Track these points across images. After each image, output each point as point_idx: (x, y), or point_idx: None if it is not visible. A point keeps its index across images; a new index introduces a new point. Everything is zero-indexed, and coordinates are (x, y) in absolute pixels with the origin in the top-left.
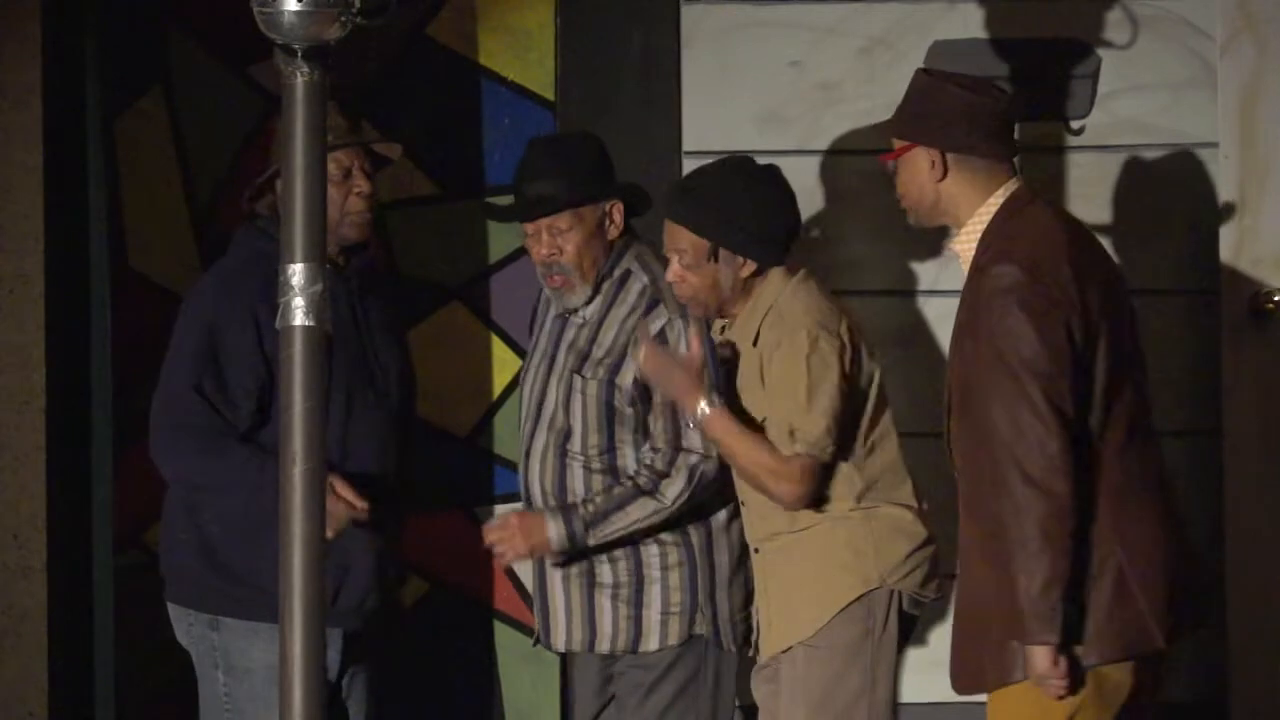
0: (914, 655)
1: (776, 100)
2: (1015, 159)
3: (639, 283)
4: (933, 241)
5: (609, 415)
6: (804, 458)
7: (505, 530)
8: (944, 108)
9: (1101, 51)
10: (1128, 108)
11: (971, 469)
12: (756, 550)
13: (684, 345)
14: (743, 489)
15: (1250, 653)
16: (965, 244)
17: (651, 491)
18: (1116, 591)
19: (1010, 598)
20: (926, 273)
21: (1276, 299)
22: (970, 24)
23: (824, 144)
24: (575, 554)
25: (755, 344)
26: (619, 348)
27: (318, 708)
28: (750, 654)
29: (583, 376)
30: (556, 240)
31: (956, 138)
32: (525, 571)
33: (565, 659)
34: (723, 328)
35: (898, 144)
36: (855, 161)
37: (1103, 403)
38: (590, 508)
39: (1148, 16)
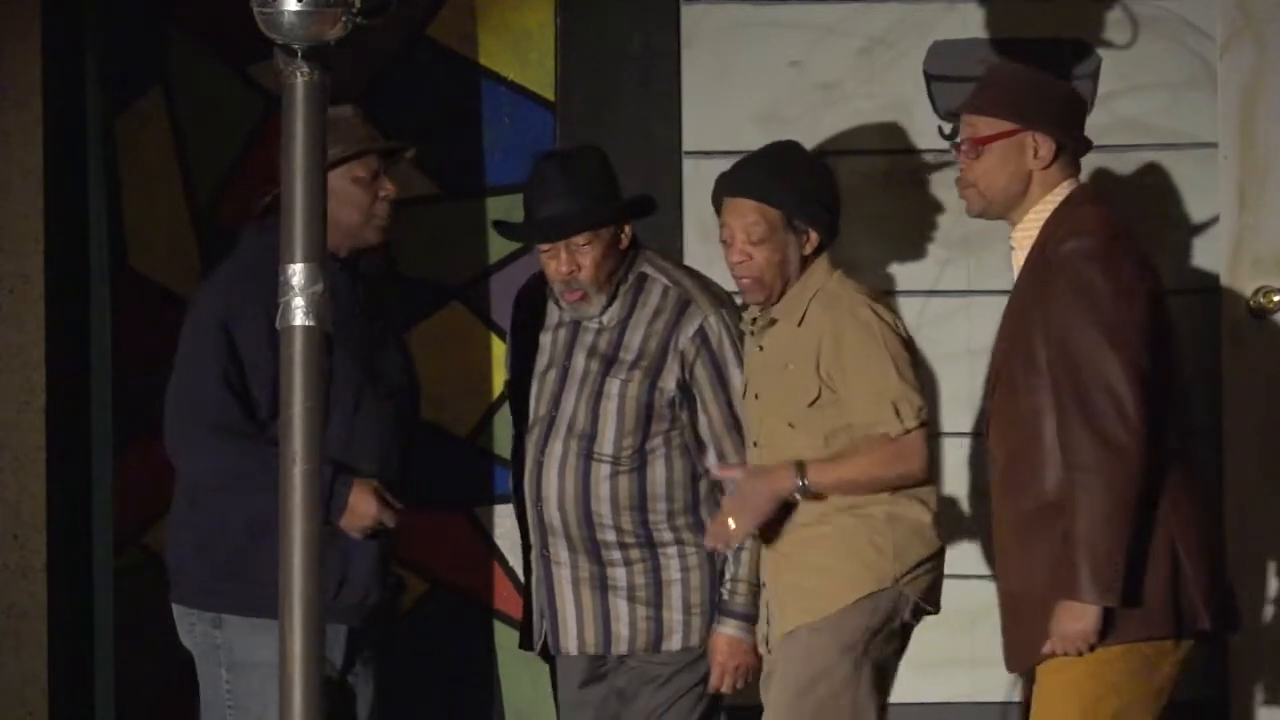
0: (913, 655)
1: (776, 100)
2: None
3: (659, 285)
4: (933, 242)
5: (647, 416)
6: (917, 430)
7: (730, 674)
8: (1052, 97)
9: (1101, 51)
10: (1128, 108)
11: (1027, 440)
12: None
13: (725, 340)
14: None
15: (1250, 653)
16: (1028, 232)
17: None
18: (1172, 573)
19: (1067, 563)
20: (926, 273)
21: (1276, 299)
22: (970, 24)
23: (824, 144)
24: (586, 559)
25: (800, 324)
26: (653, 350)
27: (318, 707)
28: (763, 651)
29: (618, 379)
30: (575, 257)
31: (1064, 128)
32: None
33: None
34: (754, 319)
35: (997, 126)
36: (855, 161)
37: (1166, 394)
38: (740, 585)
39: (1148, 16)
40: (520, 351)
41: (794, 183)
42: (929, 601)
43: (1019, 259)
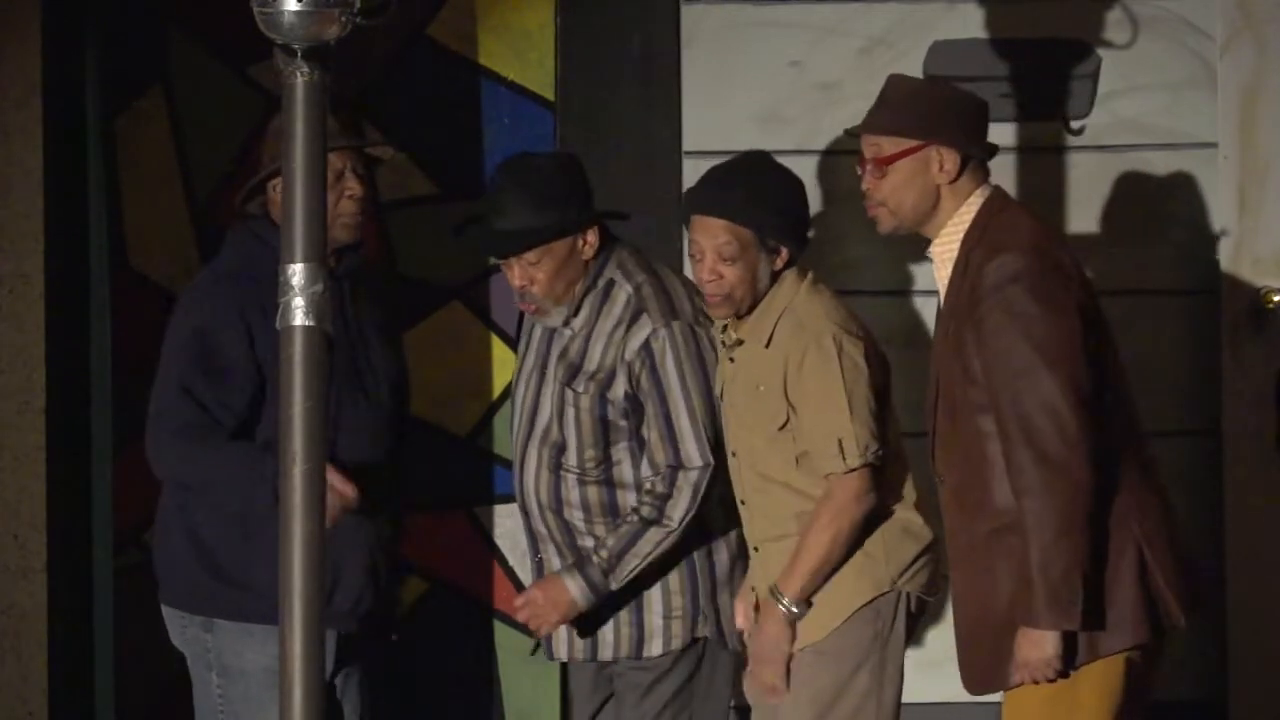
0: (914, 655)
1: (776, 100)
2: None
3: (624, 292)
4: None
5: (604, 429)
6: (860, 469)
7: (532, 606)
8: (952, 108)
9: (1101, 51)
10: (1128, 108)
11: (974, 463)
12: (756, 549)
13: (669, 355)
14: (744, 489)
15: (1250, 653)
16: (947, 245)
17: (657, 520)
18: (1138, 574)
19: (1024, 590)
20: (926, 273)
21: (1276, 299)
22: (970, 24)
23: (824, 144)
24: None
25: (768, 345)
26: (609, 362)
27: (318, 708)
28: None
29: (575, 390)
30: (528, 271)
31: (968, 138)
32: (525, 572)
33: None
34: (725, 326)
35: (900, 144)
36: (855, 162)
37: (1112, 388)
38: (604, 553)
39: (1148, 16)
40: (520, 351)
41: (766, 201)
42: (929, 592)
43: (942, 274)
